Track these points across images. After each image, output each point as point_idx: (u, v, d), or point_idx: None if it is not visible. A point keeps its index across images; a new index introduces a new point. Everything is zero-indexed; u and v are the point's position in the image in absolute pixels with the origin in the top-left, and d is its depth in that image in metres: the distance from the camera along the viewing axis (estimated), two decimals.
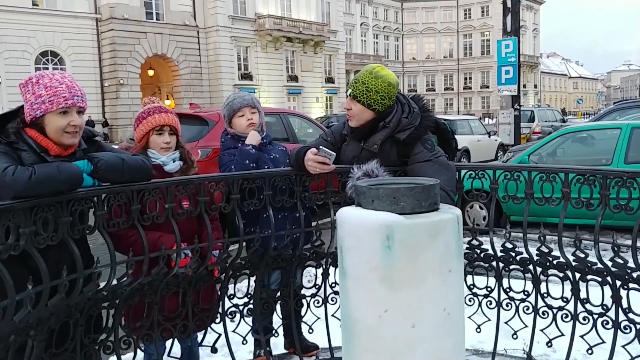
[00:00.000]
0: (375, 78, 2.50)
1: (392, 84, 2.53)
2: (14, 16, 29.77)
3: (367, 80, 2.50)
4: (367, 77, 2.51)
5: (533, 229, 2.54)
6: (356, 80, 2.54)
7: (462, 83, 69.61)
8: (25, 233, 1.97)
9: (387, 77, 2.52)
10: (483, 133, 15.60)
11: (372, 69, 2.55)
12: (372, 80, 2.49)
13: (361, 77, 2.53)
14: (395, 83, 2.56)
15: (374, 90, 2.48)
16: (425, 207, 1.51)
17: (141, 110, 2.72)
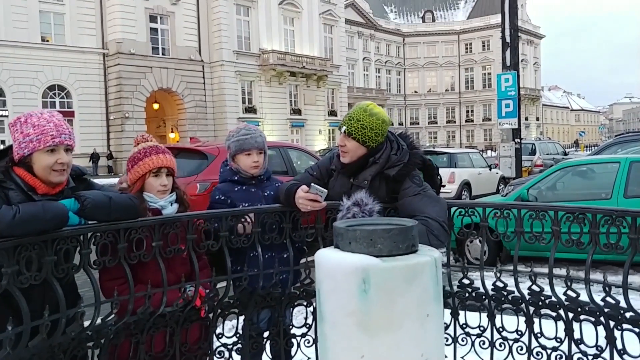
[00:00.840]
0: (370, 115, 2.52)
1: (385, 122, 2.56)
2: (23, 51, 30.38)
3: (361, 118, 2.52)
4: (362, 114, 2.53)
5: (529, 263, 2.51)
6: (350, 118, 2.56)
7: (464, 116, 70.10)
8: (7, 273, 1.95)
9: (380, 114, 2.56)
10: (484, 166, 15.60)
11: (365, 106, 2.57)
12: (367, 118, 2.52)
13: (355, 115, 2.55)
14: (388, 120, 2.59)
15: (368, 127, 2.51)
16: (402, 250, 1.49)
17: (136, 151, 2.63)
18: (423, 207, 2.40)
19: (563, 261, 2.49)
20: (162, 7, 34.76)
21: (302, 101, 43.01)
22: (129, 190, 2.57)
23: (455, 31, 69.61)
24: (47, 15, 31.86)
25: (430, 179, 2.74)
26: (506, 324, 2.54)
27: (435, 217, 2.36)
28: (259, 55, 39.54)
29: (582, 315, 2.29)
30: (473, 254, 7.15)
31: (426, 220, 2.34)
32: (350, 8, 57.70)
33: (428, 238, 2.31)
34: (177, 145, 11.32)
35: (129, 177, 2.61)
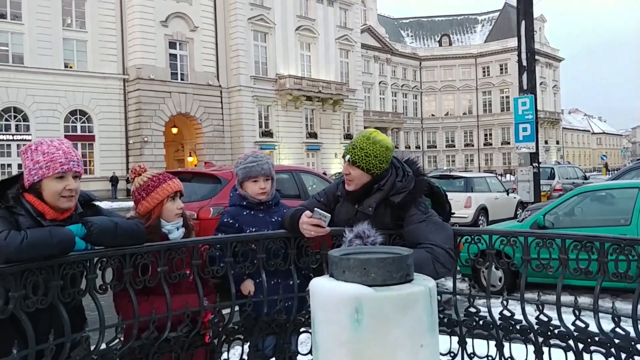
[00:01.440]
0: (373, 143, 2.53)
1: (389, 148, 2.56)
2: (47, 77, 31.16)
3: (365, 146, 2.52)
4: (365, 142, 2.54)
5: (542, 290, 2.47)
6: (354, 146, 2.56)
7: (483, 139, 69.77)
8: (14, 297, 1.97)
9: (384, 141, 2.56)
10: (501, 190, 15.43)
11: (369, 134, 2.58)
12: (371, 146, 2.52)
13: (359, 143, 2.55)
14: (392, 147, 2.59)
15: (372, 155, 2.51)
16: (396, 279, 1.48)
17: (145, 180, 2.64)
18: (428, 234, 2.38)
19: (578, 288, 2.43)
20: (181, 34, 35.46)
21: (318, 125, 43.29)
22: (146, 219, 2.56)
23: (473, 55, 69.75)
24: (70, 42, 32.69)
25: (439, 206, 2.73)
26: (515, 354, 2.49)
27: (441, 244, 2.34)
28: (276, 80, 40.01)
29: (592, 346, 2.24)
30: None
31: (432, 247, 2.32)
32: (366, 33, 58.27)
33: (434, 265, 2.29)
34: (191, 169, 11.45)
35: (145, 205, 2.59)
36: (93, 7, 33.21)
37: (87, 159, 33.17)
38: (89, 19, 33.17)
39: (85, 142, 33.14)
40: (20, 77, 30.39)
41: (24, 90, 30.55)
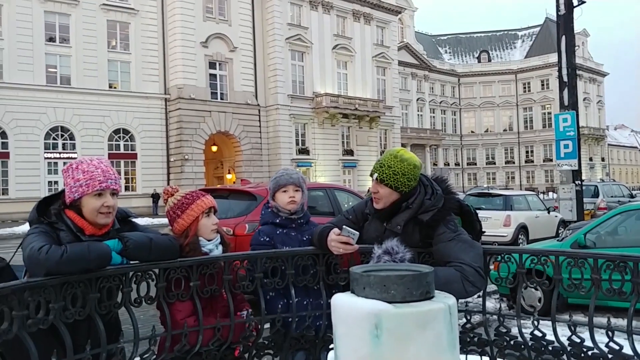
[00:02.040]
0: (401, 161, 2.53)
1: (417, 166, 2.56)
2: (92, 97, 32.34)
3: (392, 164, 2.53)
4: (393, 160, 2.54)
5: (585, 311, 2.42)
6: (381, 164, 2.57)
7: (524, 156, 68.45)
8: (54, 308, 2.06)
9: (411, 159, 2.56)
10: (542, 209, 15.08)
11: (396, 152, 2.59)
12: (398, 164, 2.53)
13: (386, 161, 2.56)
14: (420, 165, 2.59)
15: (400, 173, 2.51)
16: (416, 296, 1.49)
17: (178, 199, 2.69)
18: (458, 253, 2.36)
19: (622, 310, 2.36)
20: (220, 54, 36.24)
21: (354, 142, 43.37)
22: (184, 237, 2.60)
23: (512, 70, 68.85)
24: (114, 63, 33.87)
25: (469, 225, 2.70)
26: None
27: (470, 262, 2.32)
28: (313, 99, 40.39)
29: None
30: (527, 301, 6.90)
31: (461, 266, 2.31)
32: (403, 50, 58.32)
33: (463, 284, 2.27)
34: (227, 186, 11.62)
35: (180, 222, 2.64)
36: (136, 29, 34.37)
37: (129, 176, 34.14)
38: (133, 41, 34.35)
39: (127, 160, 34.12)
40: (67, 98, 31.63)
41: (71, 110, 31.75)
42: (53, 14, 31.72)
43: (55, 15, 31.81)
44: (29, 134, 30.56)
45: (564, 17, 14.12)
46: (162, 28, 35.32)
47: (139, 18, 34.48)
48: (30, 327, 1.99)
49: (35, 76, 30.83)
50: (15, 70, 30.18)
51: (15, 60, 30.19)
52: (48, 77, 31.50)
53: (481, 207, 14.39)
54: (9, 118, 29.89)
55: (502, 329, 2.44)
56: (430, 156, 61.35)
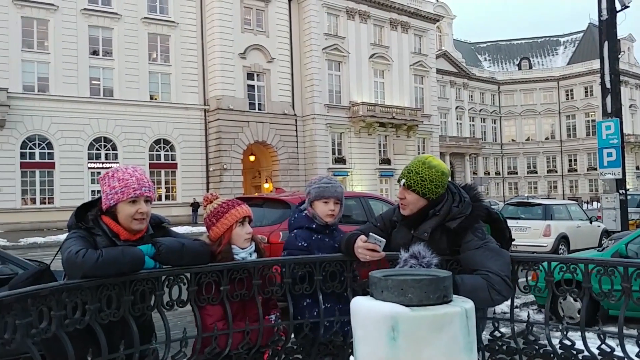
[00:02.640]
0: (429, 168, 2.54)
1: (445, 173, 2.56)
2: (133, 109, 33.24)
3: (420, 171, 2.54)
4: (421, 167, 2.55)
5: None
6: (409, 171, 2.58)
7: (567, 165, 66.71)
8: (90, 309, 2.16)
9: (439, 166, 2.57)
10: (584, 219, 14.68)
11: (424, 159, 2.60)
12: (426, 170, 2.53)
13: (414, 168, 2.57)
14: (447, 172, 2.59)
15: (428, 179, 2.52)
16: (433, 300, 1.51)
17: (215, 207, 2.76)
18: (485, 261, 2.35)
19: None
20: (258, 65, 36.73)
21: (391, 151, 43.16)
22: (217, 245, 2.68)
23: (555, 77, 67.35)
24: (155, 75, 34.73)
25: (499, 232, 2.69)
26: None
27: (497, 271, 2.31)
28: (349, 108, 40.44)
29: None
30: (566, 312, 6.73)
31: (487, 274, 2.30)
32: (442, 58, 57.84)
33: (489, 293, 2.26)
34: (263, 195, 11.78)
35: (215, 230, 2.72)
36: (176, 42, 35.17)
37: (169, 186, 34.85)
38: (173, 53, 35.14)
39: (168, 170, 34.84)
40: (110, 109, 32.58)
41: (113, 121, 32.66)
42: (96, 28, 32.77)
43: (99, 29, 32.85)
44: (74, 145, 31.54)
45: (607, 23, 13.80)
46: (202, 40, 36.02)
47: (178, 30, 35.28)
48: (67, 326, 2.09)
49: (80, 88, 31.86)
50: (61, 83, 31.27)
51: (61, 73, 31.26)
52: (92, 89, 32.50)
53: (520, 217, 14.11)
54: (54, 129, 30.95)
55: (531, 337, 2.41)
56: (469, 165, 60.50)
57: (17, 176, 30.05)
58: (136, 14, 33.89)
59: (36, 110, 30.33)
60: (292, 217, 3.26)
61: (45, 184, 31.08)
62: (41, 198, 31.01)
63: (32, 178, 30.74)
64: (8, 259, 5.38)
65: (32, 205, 30.72)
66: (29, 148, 30.59)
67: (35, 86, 31.00)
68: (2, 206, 29.27)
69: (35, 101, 30.49)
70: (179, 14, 35.27)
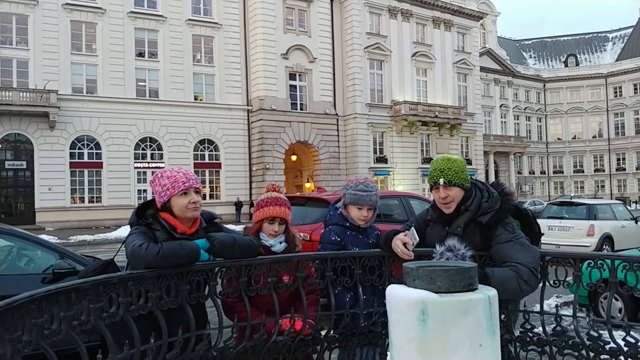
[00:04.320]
0: (455, 161, 2.75)
1: (465, 164, 2.79)
2: (178, 109, 34.07)
3: (451, 165, 2.73)
4: (449, 163, 2.75)
5: None
6: (441, 170, 2.73)
7: (615, 164, 64.70)
8: (152, 297, 2.41)
9: (460, 159, 2.80)
10: (629, 218, 14.37)
11: (445, 157, 2.81)
12: (454, 164, 2.73)
13: (444, 165, 2.75)
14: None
15: (460, 170, 2.72)
16: (459, 287, 1.68)
17: (262, 198, 3.20)
18: (514, 254, 2.50)
19: None
20: (300, 65, 37.09)
21: (434, 150, 42.81)
22: (250, 230, 3.14)
23: (602, 74, 65.39)
24: (199, 76, 35.51)
25: (528, 227, 2.82)
26: None
27: (525, 263, 2.45)
28: (391, 107, 40.37)
29: None
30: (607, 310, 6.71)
31: (516, 266, 2.45)
32: (486, 56, 57.02)
33: (518, 283, 2.41)
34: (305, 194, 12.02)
35: (254, 217, 3.19)
36: (220, 43, 35.85)
37: (213, 185, 35.59)
38: (216, 55, 35.83)
39: (212, 169, 35.58)
40: (155, 110, 33.47)
41: (159, 122, 33.55)
42: (142, 31, 33.69)
43: (145, 31, 33.78)
44: (120, 145, 32.53)
45: None
46: (244, 41, 36.59)
47: (222, 32, 35.95)
48: (133, 312, 2.35)
49: (126, 90, 32.82)
50: (108, 84, 32.32)
51: (108, 75, 32.30)
52: (138, 91, 33.45)
53: (564, 217, 13.94)
54: (102, 130, 32.00)
55: (559, 329, 2.54)
56: (514, 164, 59.46)
57: (67, 175, 31.16)
58: (181, 16, 34.69)
59: (85, 112, 31.39)
60: (328, 214, 3.44)
61: (93, 184, 32.12)
62: (89, 197, 32.05)
63: (81, 177, 31.81)
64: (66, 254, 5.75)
65: (81, 204, 31.81)
66: (77, 148, 31.66)
67: (84, 88, 32.07)
68: (52, 205, 30.42)
69: (84, 102, 31.54)
70: (223, 15, 35.92)
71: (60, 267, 5.22)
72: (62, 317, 2.00)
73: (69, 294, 2.06)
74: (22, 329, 1.84)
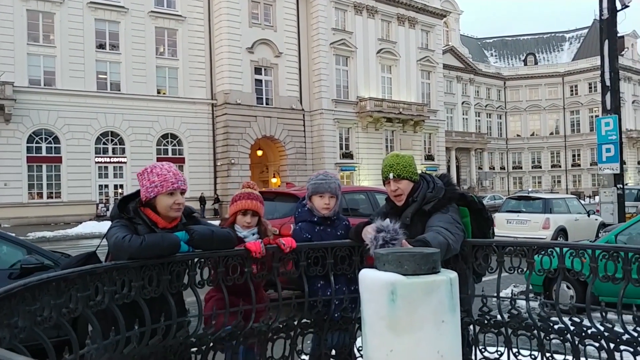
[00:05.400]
0: (402, 157, 3.04)
1: (413, 159, 3.07)
2: (140, 103, 33.49)
3: (399, 161, 3.02)
4: (397, 158, 3.04)
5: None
6: (391, 165, 3.01)
7: (570, 160, 66.86)
8: (135, 286, 2.54)
9: (407, 155, 3.10)
10: (582, 212, 15.05)
11: (393, 154, 3.10)
12: (402, 159, 3.03)
13: (393, 161, 3.04)
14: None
15: (408, 164, 3.00)
16: (424, 270, 1.90)
17: (237, 192, 3.40)
18: (437, 222, 2.77)
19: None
20: (266, 60, 37.01)
21: (398, 146, 43.41)
22: (225, 222, 3.36)
23: (560, 73, 67.36)
24: (162, 69, 34.98)
25: (477, 214, 3.05)
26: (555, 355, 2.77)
27: (446, 227, 2.72)
28: (357, 103, 40.73)
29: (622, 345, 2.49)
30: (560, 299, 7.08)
31: (439, 228, 2.72)
32: (448, 53, 57.96)
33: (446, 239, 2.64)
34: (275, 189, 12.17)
35: (229, 211, 3.40)
36: (184, 36, 35.41)
37: None
38: (180, 48, 35.36)
39: (175, 164, 34.67)
40: (117, 103, 32.76)
41: (120, 116, 32.89)
42: (103, 22, 32.90)
43: (105, 22, 32.98)
44: (81, 139, 31.70)
45: (607, 22, 14.09)
46: (209, 34, 36.21)
47: (186, 25, 35.50)
48: (117, 300, 2.48)
49: (87, 83, 31.99)
50: (67, 77, 31.39)
51: (67, 67, 31.37)
52: (99, 84, 32.68)
53: (522, 210, 14.49)
54: (61, 123, 31.12)
55: (514, 312, 2.78)
56: (475, 160, 60.74)
57: (24, 170, 30.23)
58: (143, 7, 34.00)
59: (42, 104, 30.45)
60: (296, 211, 3.61)
61: (52, 179, 31.30)
62: (48, 192, 31.23)
63: (39, 172, 30.92)
64: (34, 250, 5.77)
65: (39, 199, 30.92)
66: (35, 142, 30.72)
67: (42, 80, 31.09)
68: (9, 200, 29.47)
69: (42, 95, 30.60)
70: (187, 8, 35.46)
71: (28, 262, 5.25)
72: (53, 305, 2.12)
73: (59, 283, 2.17)
74: (17, 315, 1.95)
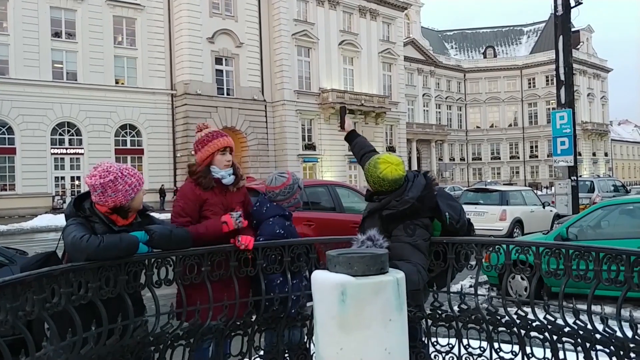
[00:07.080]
0: (382, 171, 3.09)
1: (398, 164, 3.12)
2: (98, 93, 32.68)
3: (382, 177, 3.09)
4: (376, 174, 3.12)
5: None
6: (374, 182, 3.14)
7: (528, 151, 68.67)
8: (92, 287, 2.54)
9: (389, 164, 3.12)
10: (537, 204, 15.53)
11: (375, 163, 3.15)
12: (382, 174, 3.10)
13: (375, 177, 3.13)
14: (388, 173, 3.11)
15: (387, 179, 3.07)
16: (373, 271, 1.98)
17: (202, 135, 3.26)
18: (410, 255, 2.81)
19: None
20: (227, 50, 36.61)
21: None
22: (198, 167, 3.20)
23: (518, 66, 68.95)
24: (120, 59, 34.21)
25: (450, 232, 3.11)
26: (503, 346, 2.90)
27: (421, 263, 2.80)
28: (319, 94, 40.76)
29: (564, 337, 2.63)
30: (515, 289, 7.33)
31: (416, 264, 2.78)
32: (409, 46, 58.53)
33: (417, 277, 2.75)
34: None
35: (199, 155, 3.23)
36: (143, 25, 34.69)
37: None
38: (139, 37, 34.63)
39: (134, 156, 34.49)
40: (73, 93, 31.90)
41: (77, 106, 32.03)
42: (59, 10, 31.95)
43: (61, 10, 32.04)
44: (36, 130, 30.80)
45: (562, 18, 14.50)
46: (169, 24, 35.60)
47: (145, 14, 34.79)
48: (74, 302, 2.47)
49: (42, 72, 31.06)
50: (21, 66, 30.42)
51: (21, 56, 30.40)
52: (54, 73, 31.74)
53: (479, 202, 14.85)
54: (15, 114, 30.18)
55: (464, 306, 2.90)
56: (435, 151, 61.69)
57: None
58: None
59: None
60: (264, 207, 3.60)
61: (5, 170, 30.40)
62: (1, 184, 30.33)
63: None
64: None
65: None
66: None
67: None
68: None
69: None
70: None
71: None
72: (9, 309, 2.11)
73: (16, 286, 2.16)
74: None
